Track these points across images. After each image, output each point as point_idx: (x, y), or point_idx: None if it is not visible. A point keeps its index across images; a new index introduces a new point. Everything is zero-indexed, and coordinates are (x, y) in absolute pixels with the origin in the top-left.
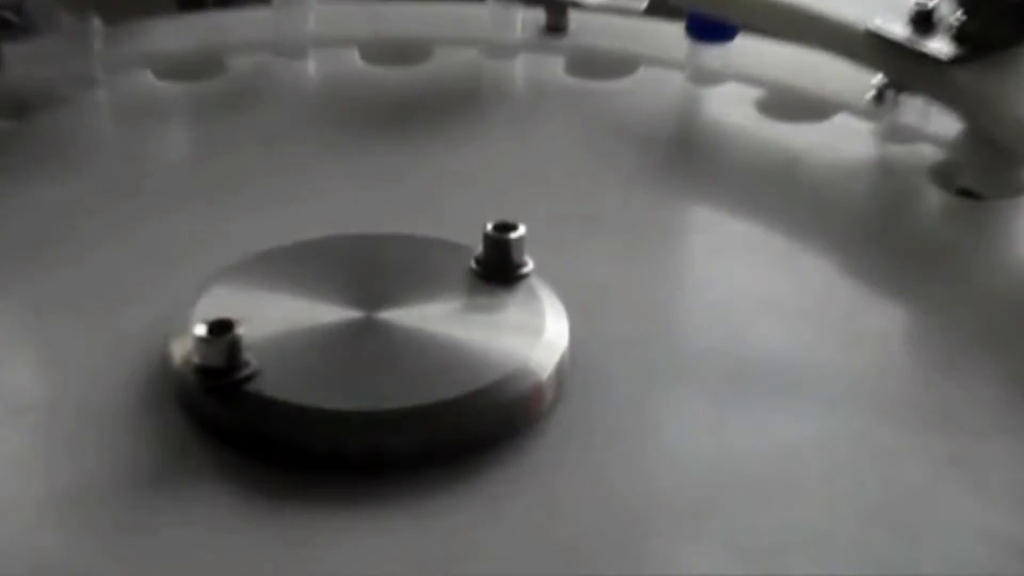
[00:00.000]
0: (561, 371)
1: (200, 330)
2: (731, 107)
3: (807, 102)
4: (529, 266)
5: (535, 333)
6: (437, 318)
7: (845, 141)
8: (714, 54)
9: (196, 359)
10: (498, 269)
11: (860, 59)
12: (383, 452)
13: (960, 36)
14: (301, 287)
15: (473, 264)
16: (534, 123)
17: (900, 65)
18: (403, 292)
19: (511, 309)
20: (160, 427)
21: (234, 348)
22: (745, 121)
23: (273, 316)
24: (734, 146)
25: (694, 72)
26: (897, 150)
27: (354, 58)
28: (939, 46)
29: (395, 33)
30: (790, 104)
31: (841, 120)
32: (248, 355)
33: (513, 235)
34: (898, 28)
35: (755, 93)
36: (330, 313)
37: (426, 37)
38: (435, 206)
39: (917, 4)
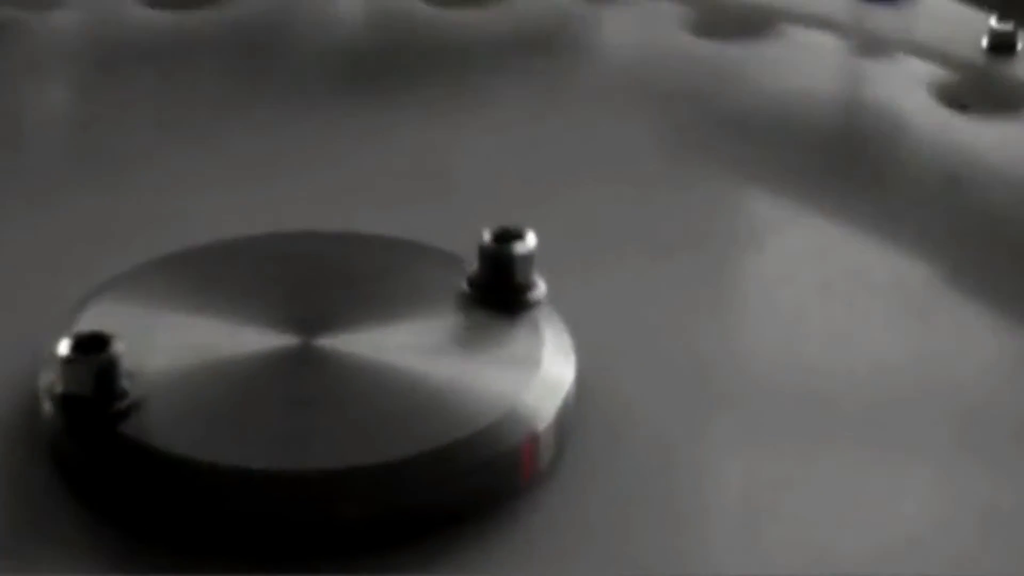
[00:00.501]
0: (564, 419)
1: (64, 348)
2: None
3: (1003, 88)
4: (538, 290)
5: (530, 367)
6: (397, 347)
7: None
8: (883, 16)
9: (59, 386)
10: (494, 291)
11: None
12: (308, 527)
13: None
14: (219, 301)
15: (464, 284)
16: (610, 95)
17: None
18: (355, 312)
19: (501, 336)
20: (18, 472)
21: (106, 373)
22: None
23: (174, 337)
24: (902, 145)
25: (859, 39)
26: None
27: None
28: None
29: None
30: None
31: None
32: (127, 384)
33: (518, 248)
34: None
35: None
36: (254, 337)
37: None
38: (431, 194)
39: None
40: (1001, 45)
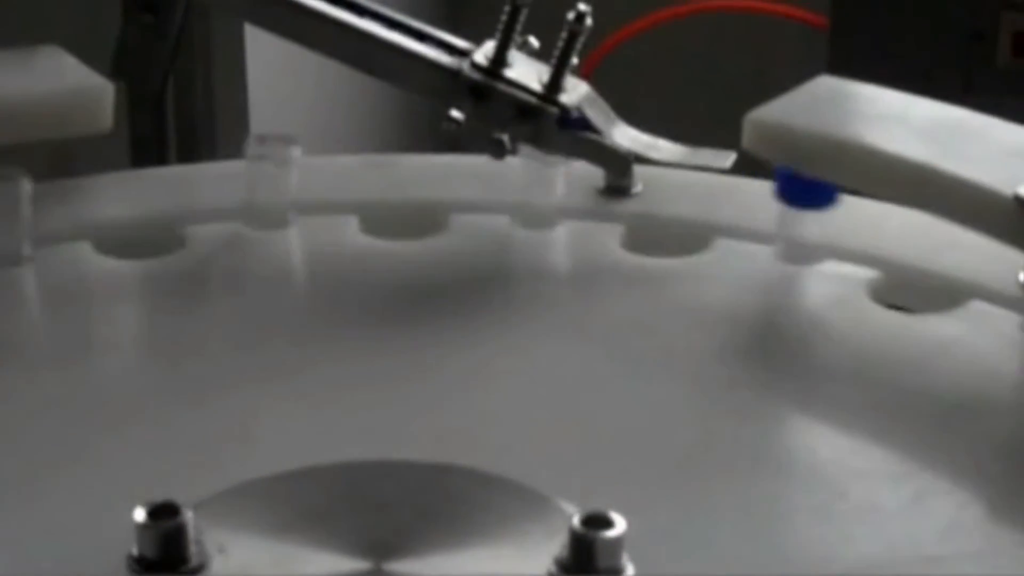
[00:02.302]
0: None
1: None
2: (835, 292)
3: (933, 286)
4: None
5: None
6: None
7: (983, 337)
8: (811, 223)
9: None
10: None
11: (1005, 234)
12: None
13: None
14: (294, 527)
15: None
16: (581, 316)
17: None
18: (427, 539)
19: None
20: None
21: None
22: (855, 310)
23: (251, 559)
24: (840, 344)
25: (787, 246)
26: None
27: (351, 229)
28: None
29: (402, 196)
30: (911, 289)
31: (978, 309)
32: None
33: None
34: None
35: (866, 274)
36: (328, 560)
37: (441, 201)
38: (442, 425)
39: None
40: None
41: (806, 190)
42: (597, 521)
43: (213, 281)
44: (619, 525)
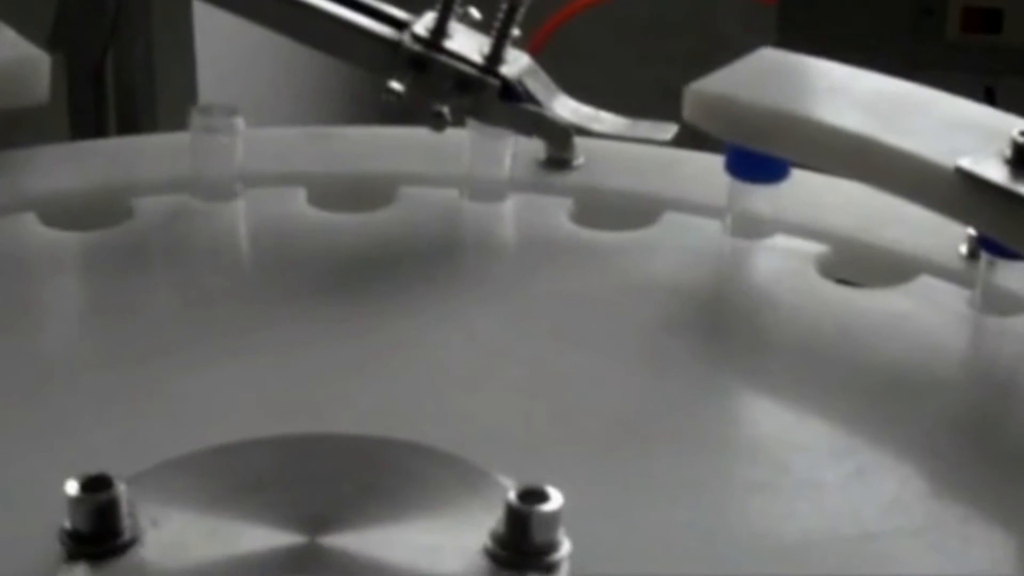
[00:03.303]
0: None
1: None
2: (784, 266)
3: (881, 261)
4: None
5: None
6: (403, 547)
7: (930, 312)
8: (762, 197)
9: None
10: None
11: (946, 207)
12: None
13: None
14: (225, 501)
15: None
16: (527, 289)
17: (996, 215)
18: (361, 512)
19: None
20: None
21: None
22: (803, 285)
23: (181, 535)
24: (787, 318)
25: (737, 220)
26: (998, 324)
27: (298, 201)
28: None
29: (350, 169)
30: (859, 263)
31: (926, 284)
32: None
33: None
34: (993, 168)
35: (815, 248)
36: (260, 535)
37: (390, 173)
38: (382, 398)
39: (1021, 135)
40: None
41: (757, 164)
42: (533, 495)
43: (158, 253)
44: (555, 500)
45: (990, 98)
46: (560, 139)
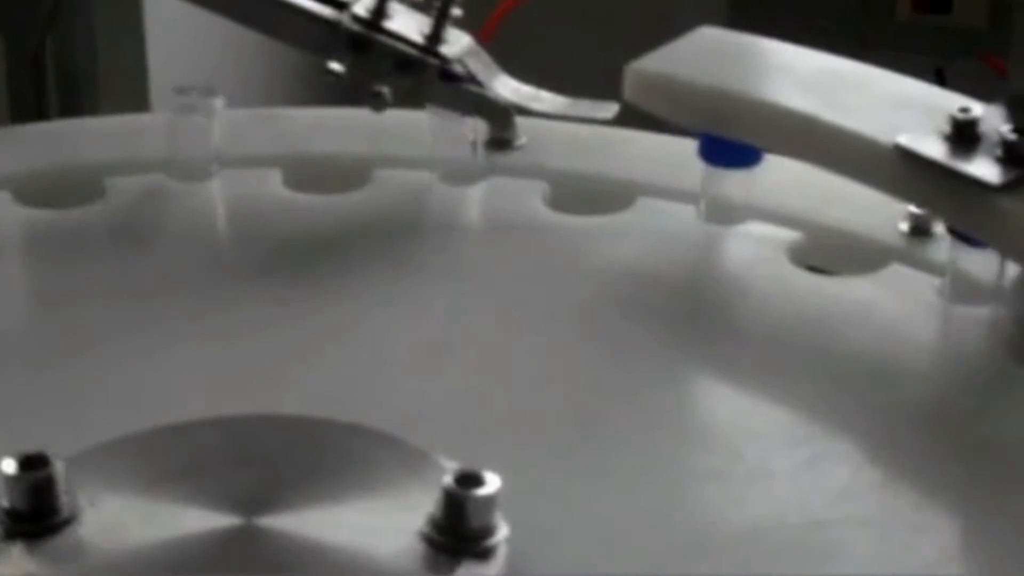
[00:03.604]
0: None
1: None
2: (755, 253)
3: (853, 248)
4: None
5: None
6: (342, 528)
7: (899, 301)
8: (735, 182)
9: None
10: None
11: (886, 184)
12: None
13: (1010, 156)
14: (161, 483)
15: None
16: (490, 272)
17: (935, 192)
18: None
19: None
20: None
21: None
22: (773, 272)
23: (116, 518)
24: (755, 305)
25: (709, 206)
26: (966, 313)
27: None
28: (983, 168)
29: (326, 150)
30: (831, 250)
31: (896, 273)
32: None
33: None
34: (932, 145)
35: (787, 235)
36: (196, 516)
37: (365, 156)
38: (325, 379)
39: (960, 112)
40: None
41: (730, 149)
42: (470, 479)
43: (129, 233)
44: (491, 484)
45: (940, 79)
46: (501, 119)
